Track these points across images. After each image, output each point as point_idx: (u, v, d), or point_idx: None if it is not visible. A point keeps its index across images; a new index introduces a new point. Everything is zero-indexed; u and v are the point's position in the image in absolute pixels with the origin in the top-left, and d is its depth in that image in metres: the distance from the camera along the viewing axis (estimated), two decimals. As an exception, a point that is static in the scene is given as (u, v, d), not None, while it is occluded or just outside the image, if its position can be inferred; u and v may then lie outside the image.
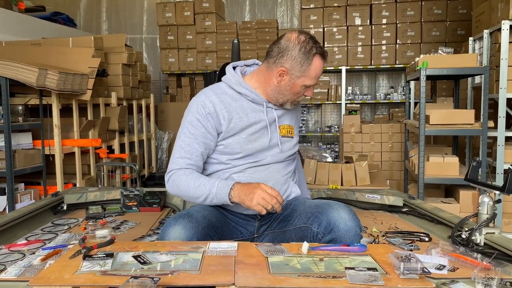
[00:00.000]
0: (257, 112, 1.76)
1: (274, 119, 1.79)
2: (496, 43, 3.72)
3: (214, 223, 1.60)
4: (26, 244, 1.71)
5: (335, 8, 6.40)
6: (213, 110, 1.70)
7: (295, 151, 1.86)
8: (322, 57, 1.69)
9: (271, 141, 1.76)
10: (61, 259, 1.23)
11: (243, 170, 1.73)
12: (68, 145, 3.84)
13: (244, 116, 1.74)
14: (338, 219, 1.51)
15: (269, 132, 1.76)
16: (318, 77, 1.72)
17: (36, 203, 2.21)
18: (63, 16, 6.46)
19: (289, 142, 1.83)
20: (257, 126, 1.75)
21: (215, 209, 1.71)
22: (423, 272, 1.13)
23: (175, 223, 1.46)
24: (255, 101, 1.76)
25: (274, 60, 1.68)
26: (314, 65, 1.67)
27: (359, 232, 1.51)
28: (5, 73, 3.31)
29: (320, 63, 1.69)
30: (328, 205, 1.59)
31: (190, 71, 6.81)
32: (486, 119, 3.54)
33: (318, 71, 1.70)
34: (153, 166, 5.70)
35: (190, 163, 1.69)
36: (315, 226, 1.55)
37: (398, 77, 7.06)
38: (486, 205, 1.59)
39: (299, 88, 1.71)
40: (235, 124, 1.72)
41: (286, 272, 1.14)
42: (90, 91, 3.87)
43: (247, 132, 1.73)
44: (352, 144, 5.41)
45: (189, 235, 1.43)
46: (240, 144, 1.72)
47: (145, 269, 1.14)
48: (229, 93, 1.76)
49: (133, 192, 2.41)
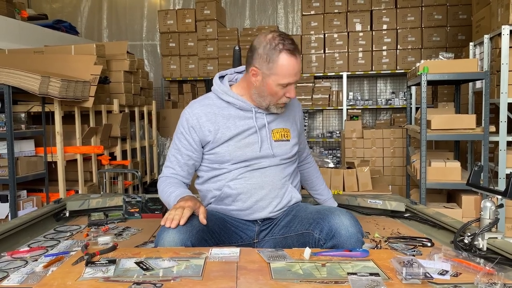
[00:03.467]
0: (246, 119, 1.76)
1: (264, 124, 1.77)
2: (497, 48, 3.73)
3: (211, 227, 1.60)
4: (29, 251, 1.71)
5: (335, 14, 6.43)
6: (195, 123, 1.75)
7: (292, 153, 1.83)
8: (289, 53, 1.62)
9: (262, 146, 1.75)
10: (64, 265, 1.23)
11: (238, 176, 1.73)
12: (70, 152, 3.85)
13: (232, 125, 1.74)
14: (340, 225, 1.51)
15: (260, 138, 1.75)
16: (291, 75, 1.64)
17: (38, 210, 2.21)
18: (65, 24, 6.51)
19: (284, 145, 1.80)
20: (246, 133, 1.75)
21: (214, 214, 1.72)
22: (425, 277, 1.12)
23: (170, 228, 1.47)
24: (243, 108, 1.76)
25: (248, 61, 1.70)
26: (281, 61, 1.62)
27: (361, 238, 1.51)
28: (8, 81, 3.32)
29: (287, 60, 1.62)
30: (329, 211, 1.59)
31: (192, 77, 6.83)
32: (487, 124, 3.54)
33: (286, 68, 1.62)
34: (155, 173, 5.70)
35: (174, 172, 1.80)
36: (317, 232, 1.56)
37: (399, 82, 7.08)
38: (489, 210, 1.59)
39: (275, 88, 1.66)
40: (222, 134, 1.73)
41: (289, 278, 1.14)
42: (92, 98, 3.88)
43: (236, 140, 1.74)
44: (353, 149, 5.41)
45: (183, 238, 1.43)
46: (230, 151, 1.73)
47: (148, 275, 1.14)
48: (217, 103, 1.78)
49: (135, 199, 2.41)
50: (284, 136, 1.81)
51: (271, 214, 1.76)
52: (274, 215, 1.77)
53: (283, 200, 1.77)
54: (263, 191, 1.74)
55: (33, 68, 3.73)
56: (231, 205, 1.76)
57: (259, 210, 1.74)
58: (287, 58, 1.62)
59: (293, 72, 1.64)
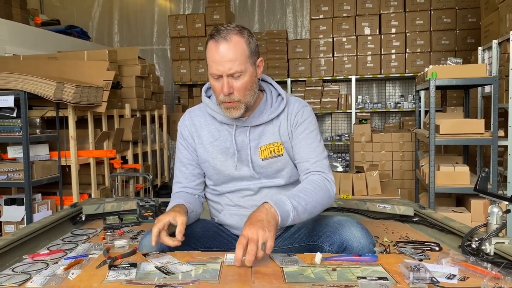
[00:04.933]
0: (227, 135, 1.64)
1: (247, 142, 1.62)
2: (505, 53, 3.75)
3: (198, 232, 1.60)
4: (49, 254, 1.77)
5: (344, 18, 6.46)
6: (187, 134, 1.70)
7: (288, 171, 1.66)
8: (213, 39, 1.49)
9: (241, 169, 1.62)
10: (88, 269, 1.29)
11: (239, 200, 1.67)
12: (83, 156, 3.93)
13: (214, 140, 1.65)
14: (352, 237, 1.47)
15: (236, 159, 1.62)
16: (214, 62, 1.48)
17: (56, 214, 2.27)
18: (77, 29, 6.62)
19: (275, 163, 1.63)
20: (226, 152, 1.64)
21: (209, 223, 1.74)
22: (431, 282, 1.16)
23: (149, 233, 1.49)
24: (224, 122, 1.64)
25: None
26: (207, 50, 1.52)
27: (372, 248, 1.50)
28: (25, 87, 3.41)
29: (210, 46, 1.50)
30: (339, 223, 1.54)
31: (202, 81, 6.90)
32: (496, 128, 3.55)
33: (211, 55, 1.49)
34: (166, 176, 5.77)
35: (181, 187, 1.72)
36: (327, 245, 1.52)
37: (408, 85, 7.08)
38: (496, 215, 1.61)
39: (212, 82, 1.54)
40: (205, 150, 1.66)
41: (301, 282, 1.19)
42: (105, 103, 3.96)
43: (217, 159, 1.65)
44: (362, 153, 5.43)
45: (159, 243, 1.40)
46: (210, 173, 1.68)
47: (168, 279, 1.20)
48: (203, 115, 1.70)
49: (149, 203, 2.46)
50: (274, 152, 1.62)
51: None
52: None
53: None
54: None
55: (48, 74, 3.81)
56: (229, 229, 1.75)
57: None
58: (209, 44, 1.51)
59: (216, 57, 1.48)
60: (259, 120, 1.62)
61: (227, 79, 1.49)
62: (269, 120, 1.63)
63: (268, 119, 1.63)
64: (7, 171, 3.51)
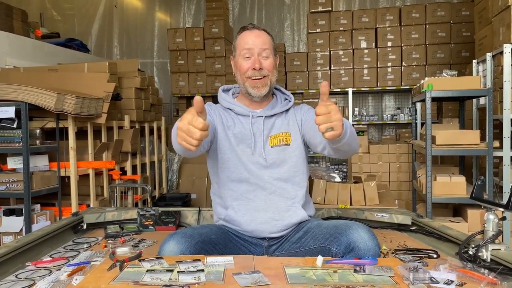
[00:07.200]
0: (242, 124, 1.83)
1: (261, 130, 1.81)
2: (499, 66, 3.82)
3: (213, 239, 1.64)
4: (51, 261, 1.78)
5: (341, 32, 6.55)
6: (208, 109, 1.82)
7: (294, 159, 1.82)
8: (245, 29, 1.85)
9: (256, 150, 1.79)
10: (95, 271, 1.32)
11: (240, 197, 1.78)
12: (83, 167, 3.93)
13: (231, 125, 1.83)
14: (358, 239, 1.53)
15: (254, 141, 1.79)
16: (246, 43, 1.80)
17: (58, 223, 2.29)
18: (77, 42, 6.68)
19: (282, 151, 1.81)
20: (242, 135, 1.81)
21: (221, 228, 1.78)
22: (431, 282, 1.19)
23: (170, 239, 1.54)
24: (241, 113, 1.86)
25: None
26: (239, 38, 1.85)
27: (378, 251, 1.54)
28: (27, 98, 3.44)
29: (243, 33, 1.84)
30: (346, 226, 1.61)
31: (200, 94, 6.96)
32: (491, 139, 3.60)
33: (243, 39, 1.82)
34: (164, 187, 5.78)
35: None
36: (334, 246, 1.58)
37: (404, 98, 7.16)
38: (492, 222, 1.64)
39: (241, 63, 1.81)
40: (223, 128, 1.82)
41: (303, 283, 1.22)
42: (105, 114, 3.98)
43: (232, 139, 1.81)
44: (360, 164, 5.47)
45: (182, 248, 1.49)
46: (227, 148, 1.80)
47: (173, 280, 1.23)
48: (217, 109, 1.91)
49: (149, 212, 2.49)
50: (283, 141, 1.81)
51: (277, 235, 1.77)
52: (281, 235, 1.78)
53: (290, 221, 1.78)
54: (266, 214, 1.76)
55: (49, 85, 3.84)
56: (236, 226, 1.81)
57: (264, 231, 1.76)
58: (243, 33, 1.85)
59: (249, 41, 1.80)
60: (272, 112, 1.86)
61: (258, 58, 1.78)
62: (280, 112, 1.87)
63: (280, 111, 1.87)
64: (6, 181, 3.51)
